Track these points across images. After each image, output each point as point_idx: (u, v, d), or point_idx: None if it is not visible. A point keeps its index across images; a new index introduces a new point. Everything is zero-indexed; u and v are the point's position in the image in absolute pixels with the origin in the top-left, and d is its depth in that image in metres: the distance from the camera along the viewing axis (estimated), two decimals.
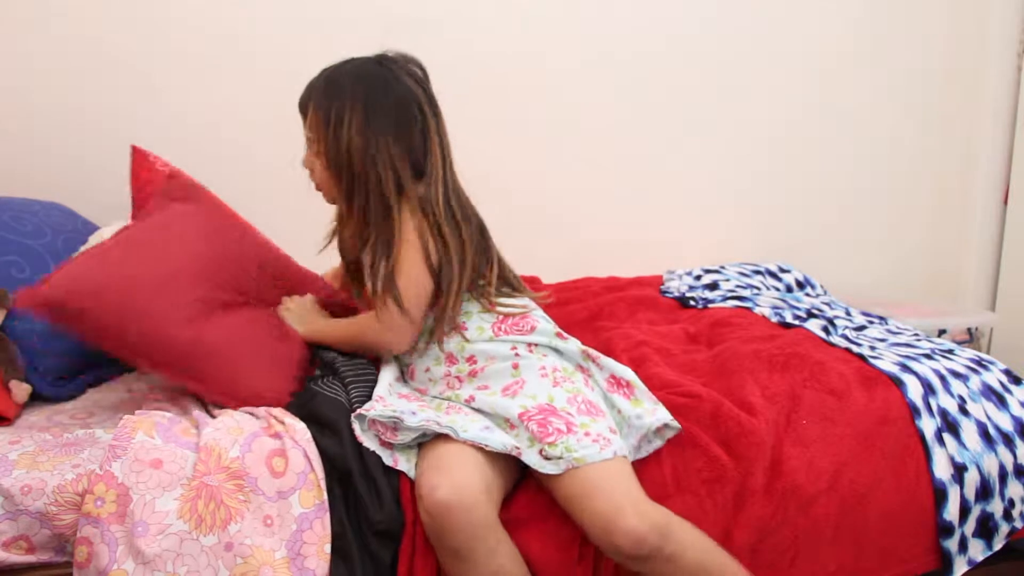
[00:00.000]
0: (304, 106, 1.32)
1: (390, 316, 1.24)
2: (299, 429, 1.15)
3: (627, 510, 1.05)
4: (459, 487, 1.05)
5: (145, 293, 1.20)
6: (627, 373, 1.26)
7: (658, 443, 1.21)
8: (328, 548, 1.07)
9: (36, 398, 1.30)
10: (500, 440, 1.12)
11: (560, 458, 1.09)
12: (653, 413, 1.20)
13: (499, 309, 1.29)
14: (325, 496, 1.09)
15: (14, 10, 1.74)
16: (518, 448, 1.12)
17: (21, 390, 1.26)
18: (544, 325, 1.30)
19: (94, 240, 1.52)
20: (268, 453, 1.10)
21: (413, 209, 1.26)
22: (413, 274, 1.24)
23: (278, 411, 1.20)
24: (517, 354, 1.25)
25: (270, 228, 1.80)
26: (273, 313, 1.38)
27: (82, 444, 1.12)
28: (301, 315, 1.41)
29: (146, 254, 1.26)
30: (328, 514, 1.09)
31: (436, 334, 1.27)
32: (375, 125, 1.25)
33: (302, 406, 1.22)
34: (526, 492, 1.15)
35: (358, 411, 1.16)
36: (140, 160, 1.59)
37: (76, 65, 1.79)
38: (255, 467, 1.08)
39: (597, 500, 1.06)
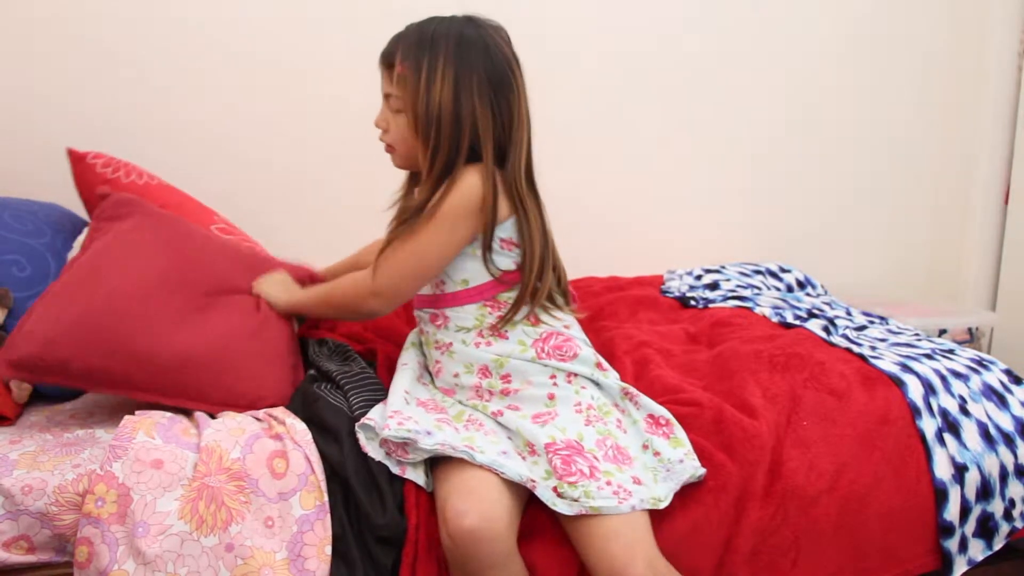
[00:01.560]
0: (389, 58, 1.23)
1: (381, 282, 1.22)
2: (300, 430, 1.15)
3: (639, 561, 1.03)
4: (487, 517, 1.03)
5: (122, 320, 1.15)
6: (665, 413, 1.23)
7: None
8: (328, 550, 1.07)
9: (36, 398, 1.30)
10: (516, 470, 1.09)
11: (576, 500, 1.07)
12: (692, 456, 1.17)
13: (546, 322, 1.24)
14: (326, 498, 1.09)
15: (14, 10, 1.74)
16: (534, 481, 1.09)
17: (21, 390, 1.26)
18: (586, 352, 1.26)
19: (78, 244, 1.48)
20: (269, 454, 1.10)
21: (478, 182, 1.17)
22: (419, 253, 1.19)
23: (279, 411, 1.20)
24: (555, 383, 1.21)
25: (270, 227, 1.81)
26: (250, 300, 1.35)
27: (82, 444, 1.12)
28: (284, 284, 1.38)
29: (107, 281, 1.19)
30: (329, 516, 1.08)
31: (487, 328, 1.22)
32: (467, 83, 1.18)
33: (305, 407, 1.22)
34: (531, 506, 1.14)
35: (363, 421, 1.14)
36: (79, 165, 1.49)
37: (76, 65, 1.79)
38: (256, 468, 1.08)
39: (613, 544, 1.05)
